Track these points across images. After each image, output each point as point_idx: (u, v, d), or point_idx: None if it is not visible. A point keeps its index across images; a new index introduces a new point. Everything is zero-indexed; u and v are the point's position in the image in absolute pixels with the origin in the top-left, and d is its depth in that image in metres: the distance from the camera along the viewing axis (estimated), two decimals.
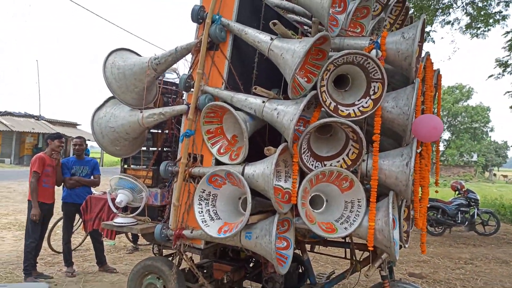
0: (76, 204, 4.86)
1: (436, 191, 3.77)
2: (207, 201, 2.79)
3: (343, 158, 2.75)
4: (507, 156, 51.49)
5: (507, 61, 11.18)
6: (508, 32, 10.77)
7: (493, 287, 5.04)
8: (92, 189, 5.34)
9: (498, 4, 10.65)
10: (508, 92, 11.52)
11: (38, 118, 28.30)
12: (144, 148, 3.74)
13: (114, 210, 3.56)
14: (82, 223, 4.49)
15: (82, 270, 5.06)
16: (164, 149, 3.81)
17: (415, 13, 9.81)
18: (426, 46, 10.89)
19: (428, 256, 6.59)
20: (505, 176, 43.90)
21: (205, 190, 2.78)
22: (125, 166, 3.79)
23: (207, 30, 2.88)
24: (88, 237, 5.39)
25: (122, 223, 3.38)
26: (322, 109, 2.72)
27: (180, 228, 2.98)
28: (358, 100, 2.70)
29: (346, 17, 2.98)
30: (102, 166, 25.62)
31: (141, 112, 3.19)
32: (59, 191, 4.99)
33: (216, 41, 2.93)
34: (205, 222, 2.73)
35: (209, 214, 2.76)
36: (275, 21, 2.71)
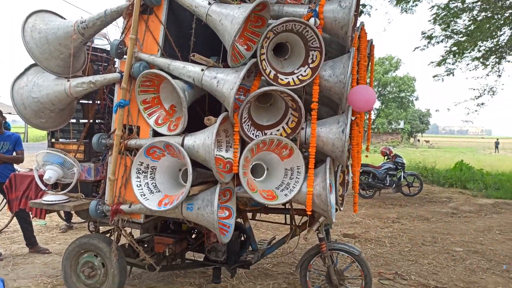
0: None
1: (366, 156, 4.00)
2: (145, 174, 2.69)
3: (283, 127, 2.78)
4: (429, 123, 56.10)
5: (432, 33, 11.93)
6: (433, 6, 11.44)
7: (416, 241, 5.56)
8: (16, 167, 4.91)
9: None
10: (432, 62, 12.37)
11: None
12: (74, 120, 3.48)
13: (43, 187, 3.32)
14: (7, 203, 4.15)
15: (10, 252, 4.71)
16: (97, 121, 3.58)
17: None
18: (362, 18, 11.23)
19: (360, 217, 7.06)
20: (427, 141, 48.02)
21: (143, 163, 2.68)
22: (53, 140, 3.51)
23: None
24: (15, 217, 5.00)
25: (53, 201, 3.17)
26: (262, 77, 2.70)
27: (117, 203, 2.86)
28: (297, 69, 2.71)
29: None
30: (26, 141, 23.72)
31: (68, 81, 2.94)
32: None
33: (150, 4, 2.75)
34: (144, 195, 2.64)
35: (148, 187, 2.67)
36: None
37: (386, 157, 10.20)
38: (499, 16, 10.30)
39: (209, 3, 2.60)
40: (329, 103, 3.16)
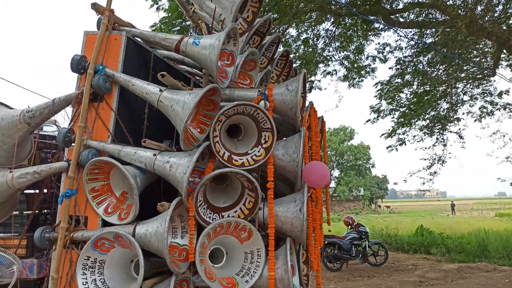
0: None
1: (329, 230, 3.96)
2: (92, 269, 2.47)
3: (240, 208, 2.72)
4: (388, 188, 57.98)
5: (379, 107, 12.87)
6: (376, 83, 12.49)
7: None
8: None
9: (367, 58, 12.37)
10: (383, 134, 13.17)
11: None
12: (17, 212, 3.24)
13: None
14: None
15: None
16: (43, 211, 3.35)
17: (301, 65, 10.78)
18: (314, 93, 11.96)
19: None
20: (388, 207, 49.09)
21: (90, 257, 2.47)
22: None
23: (89, 81, 2.68)
24: None
25: None
26: (217, 159, 2.69)
27: None
28: (251, 149, 2.74)
29: (234, 70, 3.08)
30: None
31: (10, 172, 2.77)
32: None
33: (100, 92, 2.75)
34: None
35: (95, 284, 2.43)
36: (163, 72, 2.66)
37: (349, 227, 10.23)
38: (435, 90, 11.37)
39: (160, 90, 2.65)
40: (286, 180, 3.17)
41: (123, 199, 2.71)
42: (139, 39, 3.03)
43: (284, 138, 3.16)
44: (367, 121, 13.20)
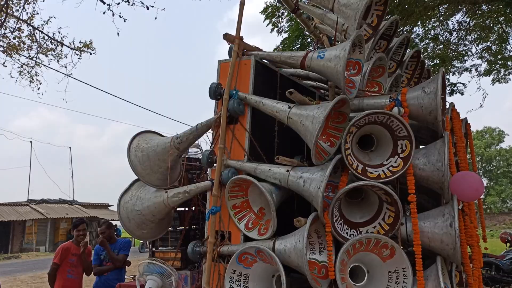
0: None
1: (486, 248, 3.44)
2: (238, 282, 2.61)
3: (379, 223, 2.56)
4: None
5: None
6: None
7: None
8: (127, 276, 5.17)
9: None
10: None
11: (71, 203, 29.05)
12: (172, 228, 3.66)
13: None
14: None
15: None
16: (192, 227, 3.71)
17: (433, 66, 9.87)
18: (455, 98, 10.71)
19: None
20: None
21: (235, 271, 2.62)
22: (153, 249, 3.69)
23: (226, 106, 2.91)
24: None
25: None
26: (350, 172, 2.61)
27: None
28: (387, 160, 2.58)
29: (362, 78, 2.97)
30: (134, 245, 25.47)
31: (166, 192, 3.15)
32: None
33: (235, 115, 2.95)
34: None
35: None
36: (291, 90, 2.72)
37: (508, 244, 8.77)
38: None
39: (289, 107, 2.71)
40: (430, 192, 2.89)
41: (261, 214, 2.82)
42: (265, 61, 3.17)
43: (422, 146, 2.90)
44: None
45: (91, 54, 10.56)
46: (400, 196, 2.53)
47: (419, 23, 9.78)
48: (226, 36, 3.00)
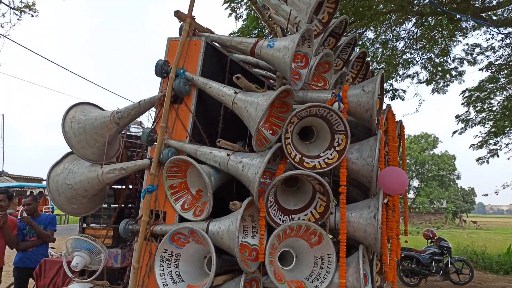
0: (29, 268, 4.46)
1: (406, 241, 3.72)
2: (169, 262, 2.61)
3: (311, 211, 2.68)
4: (475, 202, 52.97)
5: (467, 116, 11.74)
6: (463, 91, 11.43)
7: None
8: (51, 251, 4.96)
9: (453, 60, 11.41)
10: (473, 145, 12.01)
11: (0, 174, 27.03)
12: (105, 205, 3.55)
13: (70, 274, 3.28)
14: None
15: None
16: (128, 205, 3.62)
17: (380, 69, 10.33)
18: (395, 102, 11.30)
19: None
20: (474, 222, 44.79)
21: (167, 250, 2.61)
22: (84, 225, 3.55)
23: (171, 84, 2.86)
24: None
25: None
26: (288, 161, 2.69)
27: None
28: (323, 152, 2.69)
29: (308, 72, 3.06)
30: (67, 223, 24.34)
31: (101, 167, 3.05)
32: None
33: (180, 95, 2.91)
34: (167, 285, 2.53)
35: (171, 276, 2.57)
36: (238, 75, 2.74)
37: (429, 241, 9.53)
38: None
39: (235, 92, 2.72)
40: (360, 185, 3.06)
41: (198, 196, 2.82)
42: (217, 44, 3.15)
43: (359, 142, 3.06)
44: (454, 133, 12.09)
45: (32, 16, 9.80)
46: (333, 188, 2.66)
47: (371, 27, 10.17)
48: (177, 14, 2.93)
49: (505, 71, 10.66)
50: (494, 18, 9.84)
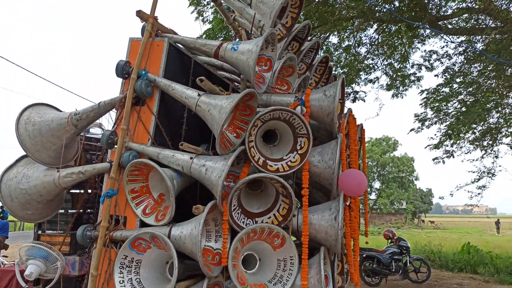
0: None
1: (366, 242, 3.82)
2: (129, 268, 2.53)
3: (274, 214, 2.69)
4: (432, 202, 55.37)
5: (425, 116, 12.31)
6: (422, 91, 11.98)
7: None
8: (3, 259, 4.70)
9: (412, 66, 11.91)
10: (429, 145, 12.57)
11: None
12: (62, 211, 3.40)
13: (23, 284, 3.12)
14: None
15: None
16: (87, 210, 3.50)
17: (343, 73, 10.60)
18: (356, 104, 11.62)
19: None
20: (432, 222, 46.81)
21: (127, 256, 2.54)
22: (39, 232, 3.40)
23: (133, 86, 2.79)
24: None
25: None
26: (252, 164, 2.69)
27: None
28: (286, 155, 2.72)
29: (272, 75, 3.08)
30: (22, 230, 23.14)
31: (57, 171, 2.92)
32: None
33: (142, 96, 2.85)
34: None
35: (131, 283, 2.49)
36: (201, 77, 2.71)
37: (389, 241, 9.85)
38: (486, 100, 10.74)
39: (199, 94, 2.70)
40: (322, 188, 3.11)
41: (160, 201, 2.77)
42: (180, 45, 3.11)
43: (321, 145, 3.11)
44: (411, 130, 12.63)
45: None
46: (296, 190, 2.69)
47: (335, 32, 10.41)
48: (140, 13, 2.87)
49: (460, 78, 11.25)
50: (449, 26, 10.35)
